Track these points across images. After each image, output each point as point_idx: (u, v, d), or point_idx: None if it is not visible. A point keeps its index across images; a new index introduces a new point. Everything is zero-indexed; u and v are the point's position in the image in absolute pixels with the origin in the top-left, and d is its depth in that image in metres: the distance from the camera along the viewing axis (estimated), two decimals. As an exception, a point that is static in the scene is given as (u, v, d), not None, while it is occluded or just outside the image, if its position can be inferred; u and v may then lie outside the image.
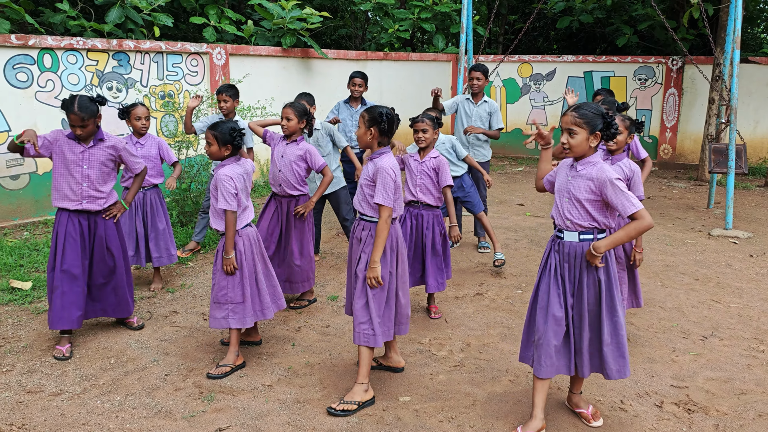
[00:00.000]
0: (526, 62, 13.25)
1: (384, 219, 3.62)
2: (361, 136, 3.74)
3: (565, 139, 3.24)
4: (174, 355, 4.37)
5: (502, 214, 8.66)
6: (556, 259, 3.37)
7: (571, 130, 3.22)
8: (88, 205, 4.34)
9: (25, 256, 6.30)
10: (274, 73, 10.16)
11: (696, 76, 12.08)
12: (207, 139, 3.98)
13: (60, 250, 4.29)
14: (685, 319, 5.13)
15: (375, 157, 3.73)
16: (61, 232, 4.30)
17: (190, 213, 7.30)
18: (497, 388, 4.00)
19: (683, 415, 3.71)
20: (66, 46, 7.59)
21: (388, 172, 3.62)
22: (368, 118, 3.70)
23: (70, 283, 4.30)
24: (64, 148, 4.28)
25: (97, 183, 4.34)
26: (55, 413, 3.63)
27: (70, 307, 4.30)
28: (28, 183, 7.49)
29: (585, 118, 3.19)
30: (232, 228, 3.99)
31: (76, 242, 4.32)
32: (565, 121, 3.24)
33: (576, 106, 3.24)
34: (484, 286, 5.82)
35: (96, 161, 4.32)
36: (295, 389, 3.95)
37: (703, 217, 8.66)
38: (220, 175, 3.96)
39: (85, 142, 4.31)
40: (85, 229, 4.37)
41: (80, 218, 4.35)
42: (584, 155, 3.26)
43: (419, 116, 4.84)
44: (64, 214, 4.33)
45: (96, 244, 4.44)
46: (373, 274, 3.64)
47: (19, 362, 4.23)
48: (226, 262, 4.00)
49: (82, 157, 4.29)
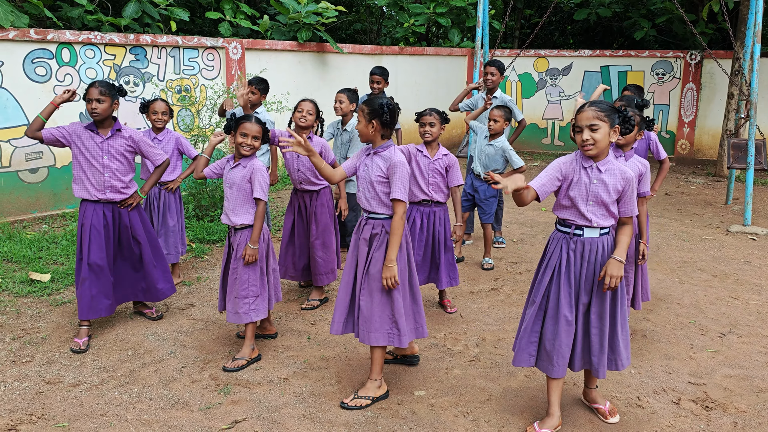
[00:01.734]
0: (542, 57, 13.16)
1: (400, 215, 3.56)
2: (362, 130, 3.61)
3: (588, 135, 3.13)
4: (190, 348, 4.40)
5: (517, 209, 8.63)
6: (571, 257, 3.31)
7: (593, 125, 3.13)
8: (112, 195, 4.40)
9: (44, 249, 6.36)
10: (290, 67, 10.17)
11: (715, 71, 11.94)
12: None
13: (86, 243, 4.36)
14: (703, 315, 5.09)
15: (381, 151, 3.62)
16: (86, 224, 4.36)
17: (205, 207, 7.34)
18: (512, 383, 3.99)
19: (701, 413, 3.68)
20: (84, 40, 7.64)
21: (404, 166, 3.57)
22: (368, 111, 3.56)
23: (97, 274, 4.37)
24: (83, 139, 4.33)
25: (118, 173, 4.39)
26: (73, 404, 3.67)
27: (98, 297, 4.38)
28: (46, 176, 7.57)
29: (604, 112, 3.13)
30: (262, 219, 4.05)
31: (101, 234, 4.37)
32: (585, 117, 3.15)
33: (591, 102, 3.19)
34: (499, 281, 5.81)
35: (115, 152, 4.37)
36: (311, 382, 3.96)
37: (721, 213, 8.57)
38: (258, 166, 4.03)
39: (103, 131, 4.35)
40: (110, 220, 4.43)
41: (105, 209, 4.41)
42: (604, 153, 3.21)
43: (426, 110, 4.81)
44: (89, 206, 4.39)
45: (122, 233, 4.51)
46: (391, 273, 3.56)
47: (39, 353, 4.28)
48: (252, 252, 4.02)
49: (102, 147, 4.34)
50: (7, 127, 7.21)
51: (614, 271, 3.21)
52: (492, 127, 5.88)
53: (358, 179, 3.72)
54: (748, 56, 8.56)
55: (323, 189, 5.05)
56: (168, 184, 5.38)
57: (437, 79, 12.49)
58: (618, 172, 3.19)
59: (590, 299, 3.32)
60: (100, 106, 4.27)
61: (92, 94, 4.25)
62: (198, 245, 6.55)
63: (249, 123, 4.02)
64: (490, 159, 5.98)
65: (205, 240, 6.78)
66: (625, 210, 3.24)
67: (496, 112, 5.86)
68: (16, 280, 5.50)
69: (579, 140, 3.17)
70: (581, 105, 3.22)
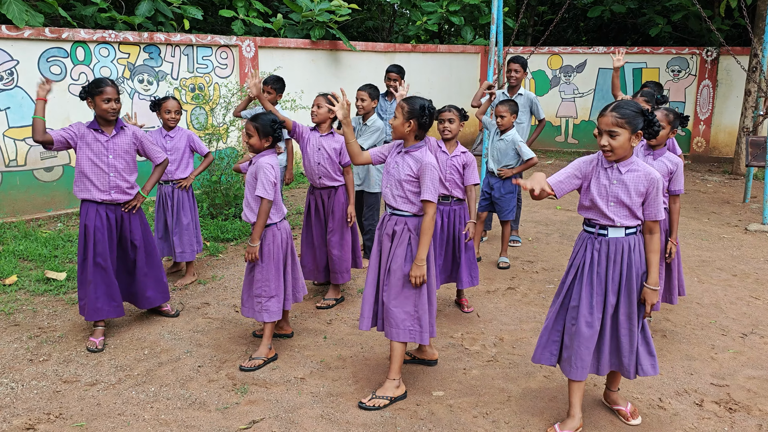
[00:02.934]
0: (556, 54, 13.07)
1: (431, 216, 3.53)
2: (397, 126, 3.56)
3: (606, 142, 3.07)
4: (207, 347, 4.39)
5: (533, 207, 8.56)
6: (596, 257, 3.25)
7: (612, 131, 3.06)
8: (117, 195, 4.34)
9: (59, 247, 6.37)
10: (303, 65, 10.15)
11: (731, 68, 11.80)
12: (247, 130, 3.97)
13: (90, 243, 4.30)
14: (724, 315, 5.01)
15: (413, 151, 3.59)
16: (90, 225, 4.29)
17: (220, 205, 7.33)
18: (532, 383, 3.95)
19: (724, 415, 3.62)
20: (98, 39, 7.66)
21: (435, 168, 3.54)
22: (408, 110, 3.53)
23: (103, 274, 4.33)
24: (87, 139, 4.25)
25: (123, 172, 4.34)
26: (91, 403, 3.66)
27: (105, 298, 4.34)
28: (61, 175, 7.59)
29: (626, 118, 3.04)
30: (264, 217, 3.98)
31: (104, 234, 4.33)
32: (604, 123, 3.07)
33: (615, 105, 3.09)
34: (516, 281, 5.75)
35: (120, 150, 4.32)
36: (328, 382, 3.93)
37: (739, 211, 8.46)
38: (262, 163, 3.95)
39: (107, 130, 4.29)
40: (113, 222, 4.38)
41: (108, 211, 4.35)
42: (627, 155, 3.15)
43: (445, 106, 4.76)
44: (91, 206, 4.31)
45: (122, 237, 4.47)
46: (420, 272, 3.54)
47: (55, 352, 4.28)
48: (251, 250, 3.99)
49: (107, 146, 4.27)
50: (22, 125, 7.23)
51: (652, 299, 3.21)
52: (500, 123, 5.82)
53: (386, 175, 3.69)
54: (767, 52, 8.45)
55: (341, 186, 5.02)
56: (181, 181, 5.36)
57: (450, 77, 12.43)
58: (642, 174, 3.12)
59: (618, 300, 3.26)
60: (118, 106, 4.24)
61: (111, 93, 4.18)
62: (212, 244, 6.54)
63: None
64: (502, 153, 5.91)
65: (220, 238, 6.76)
66: (650, 213, 3.15)
67: (501, 107, 5.82)
68: (32, 279, 5.51)
69: (599, 143, 3.12)
70: (604, 108, 3.13)
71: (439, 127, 4.73)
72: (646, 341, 3.34)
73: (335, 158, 4.92)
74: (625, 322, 3.28)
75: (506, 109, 5.77)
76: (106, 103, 4.19)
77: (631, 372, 3.34)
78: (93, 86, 4.20)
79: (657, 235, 3.19)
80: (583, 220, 3.38)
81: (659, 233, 3.19)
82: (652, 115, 3.08)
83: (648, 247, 3.20)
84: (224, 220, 7.18)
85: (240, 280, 5.66)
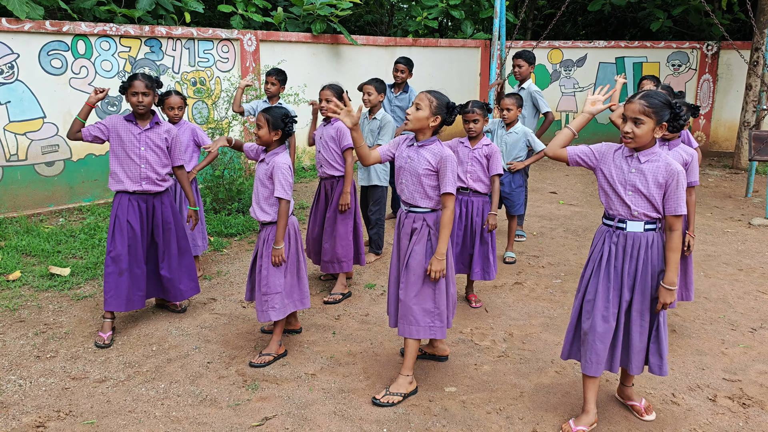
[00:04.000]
0: (556, 48, 13.03)
1: (451, 209, 3.51)
2: (421, 118, 3.50)
3: (630, 129, 3.05)
4: (215, 343, 4.35)
5: (535, 202, 8.54)
6: (613, 251, 3.23)
7: (638, 119, 3.03)
8: (148, 186, 4.35)
9: (62, 243, 6.32)
10: (304, 59, 10.09)
11: (732, 62, 11.80)
12: (258, 122, 3.93)
13: (118, 233, 4.30)
14: (732, 310, 5.01)
15: (428, 144, 3.55)
16: (121, 215, 4.31)
17: (222, 200, 7.28)
18: (544, 379, 3.93)
19: (738, 410, 3.61)
20: (99, 32, 7.58)
21: (454, 160, 3.51)
22: (437, 104, 3.49)
23: (128, 265, 4.32)
24: (120, 130, 4.29)
25: (155, 164, 4.36)
26: (101, 400, 3.63)
27: (127, 288, 4.32)
28: (63, 170, 7.53)
29: (654, 108, 3.01)
30: (285, 218, 3.94)
31: (135, 224, 4.33)
32: (631, 109, 3.04)
33: (644, 93, 3.06)
34: (522, 275, 5.73)
35: (152, 144, 4.33)
36: (339, 378, 3.90)
37: (741, 206, 8.46)
38: (279, 163, 3.90)
39: (141, 123, 4.32)
40: (144, 212, 4.38)
41: (139, 201, 4.36)
42: (649, 144, 3.12)
43: (469, 104, 4.72)
44: (124, 197, 4.34)
45: (155, 228, 4.47)
46: (440, 266, 3.51)
47: (62, 348, 4.24)
48: (276, 253, 3.95)
49: (139, 138, 4.30)
50: (23, 119, 7.16)
51: (666, 299, 3.16)
52: (506, 116, 5.80)
53: (400, 171, 3.65)
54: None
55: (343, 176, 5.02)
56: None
57: (450, 71, 12.38)
58: (662, 164, 3.08)
59: (632, 296, 3.24)
60: (146, 99, 4.25)
61: (138, 87, 4.20)
62: (216, 239, 6.50)
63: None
64: (512, 146, 5.86)
65: (224, 233, 6.72)
66: (670, 206, 3.09)
67: (507, 101, 5.80)
68: (35, 275, 5.46)
69: (622, 129, 3.09)
70: (632, 95, 3.10)
71: (465, 127, 4.72)
72: (658, 341, 3.30)
73: (333, 145, 4.99)
74: (637, 318, 3.24)
75: (513, 102, 5.75)
76: (133, 97, 4.23)
77: (634, 367, 3.31)
78: (127, 80, 4.25)
79: (678, 232, 3.11)
80: (603, 214, 3.36)
81: (680, 230, 3.12)
82: (679, 109, 3.05)
83: (668, 244, 3.15)
84: (227, 215, 7.13)
85: (245, 275, 5.62)
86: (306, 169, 10.38)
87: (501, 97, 6.00)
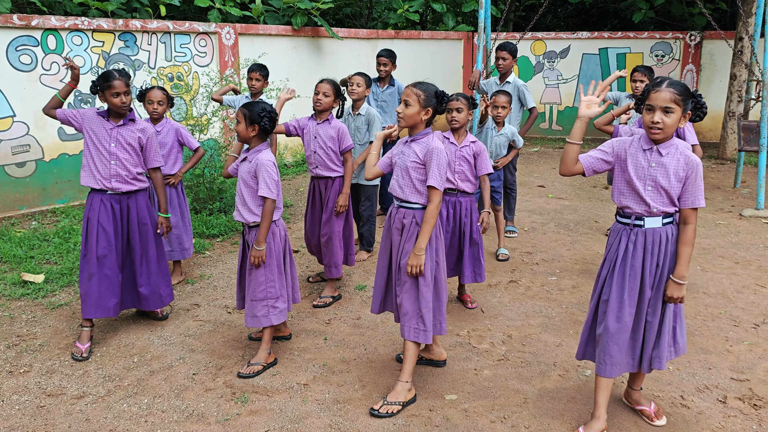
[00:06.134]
0: (540, 39, 12.90)
1: (435, 204, 3.35)
2: (412, 114, 3.37)
3: (659, 118, 2.87)
4: (200, 352, 4.12)
5: (524, 196, 8.39)
6: (630, 249, 3.06)
7: (668, 108, 2.86)
8: (118, 184, 4.11)
9: (35, 247, 6.03)
10: (285, 53, 9.83)
11: (715, 52, 11.75)
12: (236, 117, 3.76)
13: (93, 235, 4.07)
14: (732, 305, 4.89)
15: (419, 138, 3.42)
16: (93, 217, 4.08)
17: (204, 200, 7.02)
18: (547, 383, 3.76)
19: (750, 411, 3.47)
20: (71, 26, 7.26)
21: (442, 153, 3.35)
22: (425, 97, 3.36)
23: (105, 269, 4.09)
24: (94, 125, 4.08)
25: (126, 162, 4.12)
26: (79, 418, 3.39)
27: (107, 294, 4.09)
28: (34, 171, 7.21)
29: (682, 96, 2.86)
30: (270, 218, 3.74)
31: (109, 226, 4.10)
32: (662, 98, 2.86)
33: (669, 81, 2.89)
34: (516, 273, 5.57)
35: (123, 141, 4.10)
36: (333, 388, 3.70)
37: (731, 197, 8.39)
38: (262, 160, 3.70)
39: (114, 119, 4.09)
40: (117, 213, 4.15)
41: (112, 201, 4.12)
42: (669, 136, 2.96)
43: (453, 95, 4.54)
44: (96, 198, 4.11)
45: (131, 231, 4.23)
46: (418, 261, 3.37)
47: (37, 362, 3.98)
48: (257, 254, 3.74)
49: (110, 134, 4.07)
50: (-9, 119, 6.84)
51: (674, 293, 3.03)
52: (500, 114, 5.65)
53: (394, 167, 3.55)
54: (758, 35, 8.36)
55: (338, 178, 4.80)
56: (169, 178, 5.06)
57: (433, 64, 12.19)
58: (682, 157, 2.92)
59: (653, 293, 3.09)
60: (128, 99, 4.03)
61: (119, 87, 3.98)
62: (198, 240, 6.24)
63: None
64: (498, 147, 5.81)
65: (205, 235, 6.47)
66: (687, 200, 2.95)
67: (502, 98, 5.65)
68: (7, 282, 5.18)
69: (648, 120, 2.90)
70: (656, 82, 2.92)
71: (447, 117, 4.51)
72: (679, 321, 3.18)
73: (332, 146, 4.76)
74: (651, 316, 3.11)
75: (506, 100, 5.64)
76: (115, 98, 3.99)
77: (644, 366, 3.18)
78: (102, 80, 3.99)
79: (692, 225, 2.99)
80: (616, 211, 3.19)
81: (695, 224, 3.00)
82: (700, 97, 2.92)
83: (681, 238, 3.01)
84: (209, 215, 6.88)
85: (230, 278, 5.40)
86: (288, 165, 10.13)
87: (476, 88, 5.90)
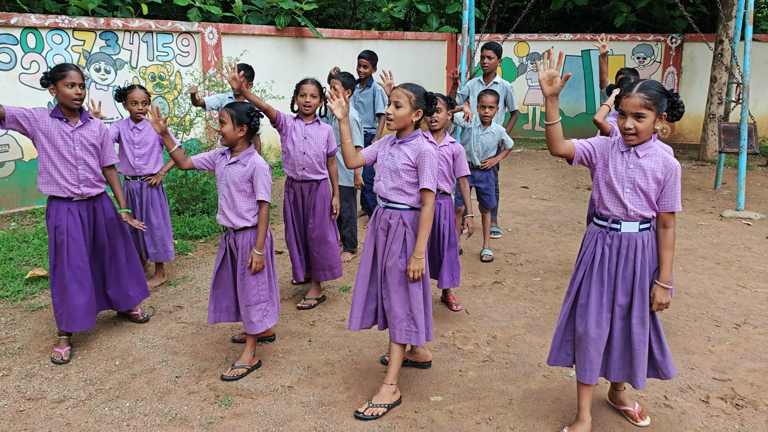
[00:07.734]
0: (523, 41, 12.96)
1: (430, 206, 3.33)
2: (404, 116, 3.33)
3: (632, 125, 2.86)
4: (183, 355, 4.08)
5: (507, 197, 8.42)
6: (606, 253, 3.06)
7: (639, 113, 2.85)
8: (87, 188, 4.00)
9: (15, 249, 5.94)
10: (269, 53, 9.78)
11: (695, 54, 11.88)
12: (221, 118, 3.65)
13: (63, 248, 3.94)
14: (714, 305, 4.93)
15: (408, 140, 3.39)
16: (61, 227, 3.94)
17: (187, 200, 6.96)
18: (532, 384, 3.77)
19: (732, 411, 3.50)
20: (51, 25, 7.16)
21: (434, 155, 3.34)
22: (416, 98, 3.34)
23: (81, 280, 3.98)
24: (50, 128, 3.87)
25: (93, 165, 4.02)
26: (59, 422, 3.33)
27: (86, 306, 3.99)
28: (13, 171, 7.10)
29: (654, 99, 2.84)
30: (267, 221, 3.72)
31: (79, 236, 3.97)
32: (631, 104, 2.85)
33: (641, 84, 2.88)
34: (501, 274, 5.58)
35: (87, 142, 3.98)
36: (318, 390, 3.68)
37: (711, 198, 8.48)
38: (260, 164, 3.67)
39: (73, 120, 3.94)
40: (85, 219, 4.04)
41: (80, 209, 4.01)
42: (646, 138, 2.96)
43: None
44: (62, 204, 3.96)
45: (97, 235, 4.13)
46: (419, 266, 3.34)
47: (16, 365, 3.92)
48: (259, 259, 3.70)
49: (73, 137, 3.92)
50: (-31, 118, 6.72)
51: (662, 299, 3.03)
52: (488, 114, 5.67)
53: (381, 168, 3.48)
54: (738, 38, 8.46)
55: (323, 180, 4.75)
56: (150, 178, 5.00)
57: (417, 65, 12.20)
58: (660, 159, 2.92)
59: (630, 301, 3.07)
60: (83, 92, 3.89)
61: (75, 78, 3.83)
62: (180, 241, 6.18)
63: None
64: (486, 146, 5.81)
65: (188, 236, 6.41)
66: (666, 203, 2.95)
67: (490, 98, 5.65)
68: (-15, 284, 5.09)
69: (621, 126, 2.91)
70: (628, 87, 2.92)
71: (426, 118, 4.48)
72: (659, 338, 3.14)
73: (323, 147, 4.67)
74: (638, 327, 3.05)
75: (494, 99, 5.65)
76: (69, 89, 3.82)
77: (639, 381, 3.09)
78: (56, 71, 3.84)
79: (672, 229, 2.99)
80: (594, 212, 3.19)
81: (674, 228, 3.00)
82: (676, 96, 2.91)
83: (661, 242, 3.01)
84: (192, 216, 6.82)
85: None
86: (273, 166, 10.07)
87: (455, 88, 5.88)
